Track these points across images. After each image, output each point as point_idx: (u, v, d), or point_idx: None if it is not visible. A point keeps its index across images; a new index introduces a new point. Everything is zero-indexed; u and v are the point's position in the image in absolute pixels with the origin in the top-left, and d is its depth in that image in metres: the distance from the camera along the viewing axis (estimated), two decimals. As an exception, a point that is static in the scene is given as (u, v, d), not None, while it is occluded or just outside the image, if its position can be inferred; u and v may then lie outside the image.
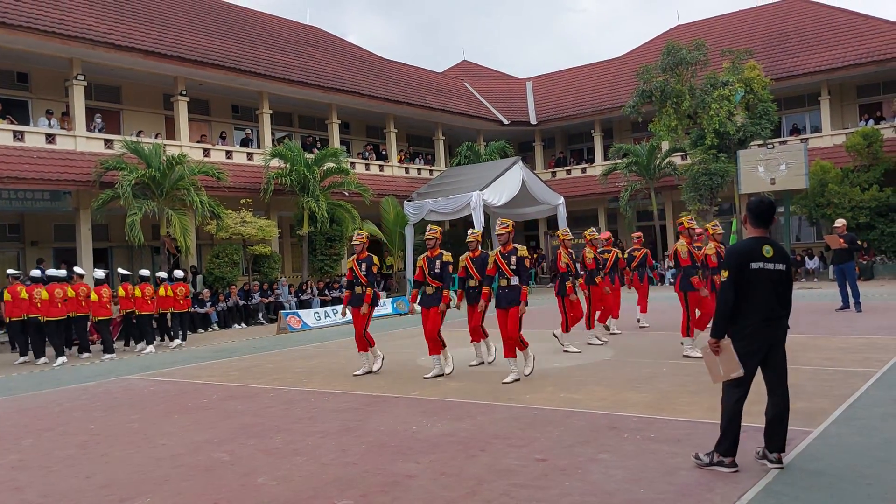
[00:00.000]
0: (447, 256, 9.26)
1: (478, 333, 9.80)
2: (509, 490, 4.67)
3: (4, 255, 19.73)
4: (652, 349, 10.65)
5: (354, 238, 9.81)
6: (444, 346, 9.19)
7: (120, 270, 15.92)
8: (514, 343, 8.44)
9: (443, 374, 9.16)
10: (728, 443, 4.73)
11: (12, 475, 5.68)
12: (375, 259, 9.82)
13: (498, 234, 8.68)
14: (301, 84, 24.60)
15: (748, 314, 4.70)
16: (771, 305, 4.72)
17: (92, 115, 20.54)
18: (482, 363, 9.96)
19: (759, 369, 4.78)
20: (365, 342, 9.69)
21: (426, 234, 9.52)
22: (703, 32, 29.58)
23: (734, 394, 4.74)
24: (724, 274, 4.80)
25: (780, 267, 4.77)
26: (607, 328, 12.26)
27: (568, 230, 11.19)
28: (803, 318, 12.66)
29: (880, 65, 25.22)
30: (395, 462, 5.45)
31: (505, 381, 8.37)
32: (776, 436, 4.74)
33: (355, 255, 9.67)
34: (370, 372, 9.69)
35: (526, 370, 8.63)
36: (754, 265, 4.71)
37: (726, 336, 4.71)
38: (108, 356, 13.61)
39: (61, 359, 13.15)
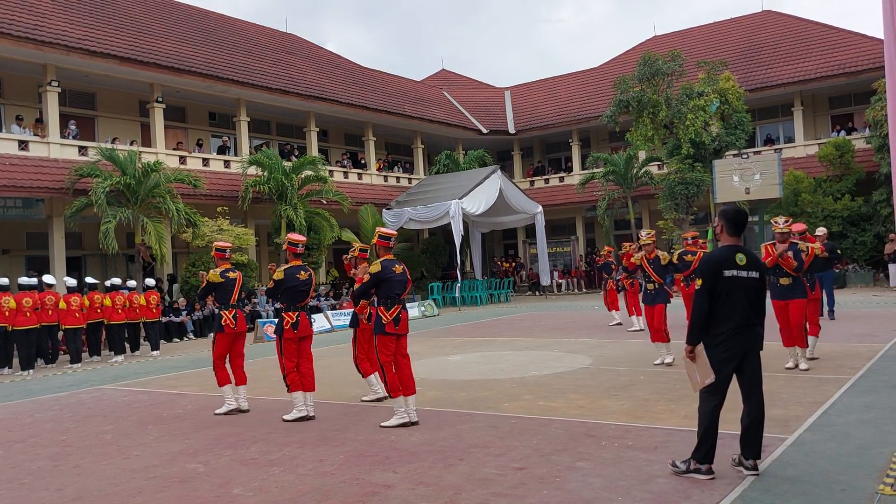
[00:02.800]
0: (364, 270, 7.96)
1: (660, 336, 9.75)
2: (488, 499, 4.66)
3: (-25, 263, 19.38)
4: (629, 357, 10.71)
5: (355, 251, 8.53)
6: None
7: (88, 279, 15.60)
8: (661, 333, 9.75)
9: (380, 399, 8.10)
10: (705, 450, 4.76)
11: (-20, 488, 5.56)
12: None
13: (645, 244, 9.94)
14: (279, 92, 24.50)
15: (722, 322, 4.74)
16: (745, 313, 4.77)
17: (66, 122, 20.28)
18: (663, 363, 9.66)
19: (734, 377, 4.82)
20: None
21: (349, 253, 8.62)
22: (678, 43, 29.98)
23: (710, 401, 4.77)
24: (699, 282, 4.85)
25: (754, 274, 4.83)
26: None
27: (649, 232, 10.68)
28: (777, 326, 12.79)
29: (851, 77, 25.71)
30: (373, 472, 5.41)
31: (655, 362, 9.72)
32: (752, 443, 4.78)
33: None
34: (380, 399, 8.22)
35: (667, 358, 9.63)
36: (728, 273, 4.76)
37: (700, 343, 4.75)
38: (74, 366, 13.38)
39: (29, 371, 12.87)
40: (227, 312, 8.10)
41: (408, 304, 20.34)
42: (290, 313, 7.55)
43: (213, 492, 5.15)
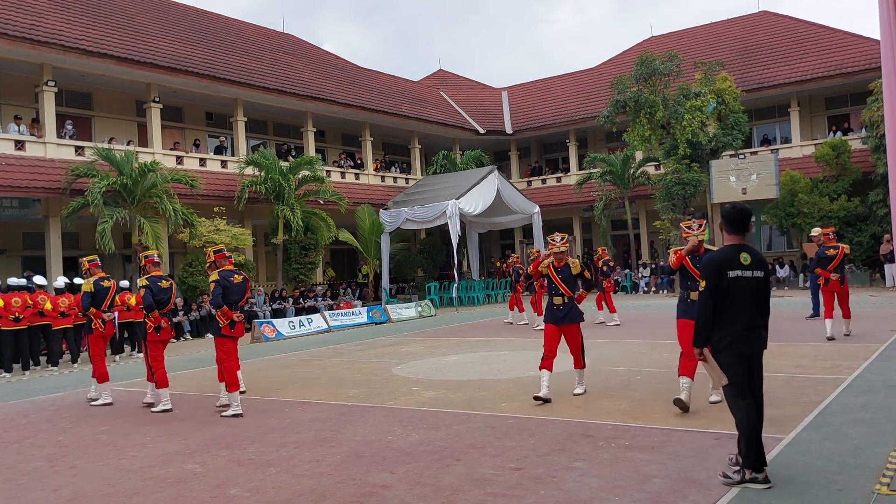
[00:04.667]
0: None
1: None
2: (485, 499, 4.66)
3: (-29, 263, 19.33)
4: (626, 358, 10.72)
5: None
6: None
7: (77, 280, 15.41)
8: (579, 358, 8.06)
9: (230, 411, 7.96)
10: (754, 456, 4.56)
11: (-24, 489, 5.54)
12: None
13: (557, 252, 8.05)
14: (276, 92, 24.48)
15: (728, 324, 4.65)
16: (750, 313, 4.67)
17: (63, 122, 20.23)
18: None
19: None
20: None
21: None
22: (675, 44, 30.01)
23: (740, 405, 4.62)
24: (702, 283, 4.75)
25: (759, 274, 4.73)
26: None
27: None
28: (774, 326, 12.67)
29: (848, 77, 25.75)
30: (371, 472, 5.41)
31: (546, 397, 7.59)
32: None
33: None
34: None
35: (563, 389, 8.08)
36: (732, 273, 4.66)
37: (707, 346, 4.67)
38: (52, 368, 13.35)
39: (5, 373, 12.78)
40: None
41: (405, 305, 20.40)
42: (151, 319, 8.57)
43: (209, 492, 5.14)
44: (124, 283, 15.68)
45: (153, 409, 8.42)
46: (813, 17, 62.88)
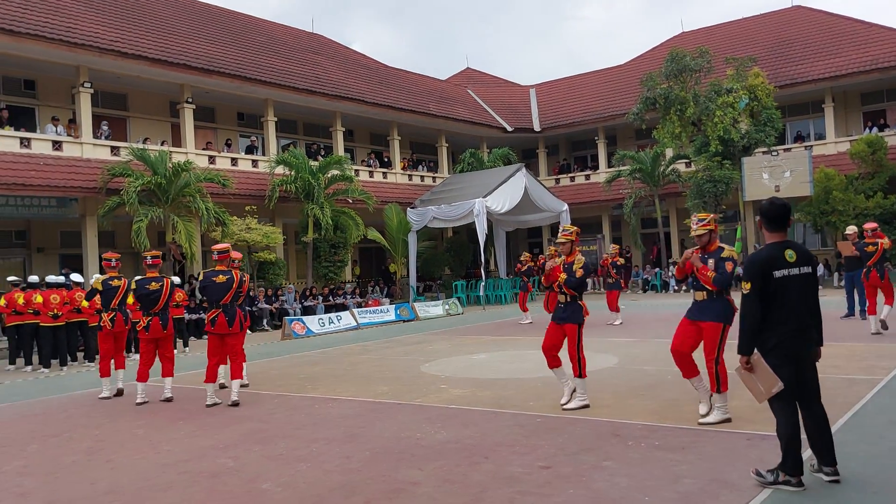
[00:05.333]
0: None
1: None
2: (514, 497, 4.67)
3: (11, 261, 19.81)
4: (657, 358, 10.63)
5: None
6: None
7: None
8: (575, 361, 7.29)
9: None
10: (792, 460, 4.46)
11: (18, 481, 5.70)
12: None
13: (560, 243, 7.65)
14: (306, 92, 24.69)
15: (776, 326, 4.44)
16: (800, 314, 4.46)
17: (98, 123, 20.65)
18: None
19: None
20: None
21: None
22: (706, 40, 29.64)
23: (784, 409, 4.47)
24: (746, 286, 4.48)
25: (806, 270, 4.50)
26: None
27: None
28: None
29: (884, 72, 25.21)
30: (399, 469, 5.45)
31: (562, 402, 7.35)
32: (823, 449, 4.53)
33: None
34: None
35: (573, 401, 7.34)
36: (778, 273, 4.44)
37: (755, 351, 4.49)
38: (89, 364, 13.60)
39: (44, 369, 13.07)
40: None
41: (432, 303, 20.50)
42: (144, 318, 8.99)
43: (242, 486, 5.23)
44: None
45: (137, 402, 8.87)
46: (848, 11, 61.67)
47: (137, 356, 14.05)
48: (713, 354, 6.27)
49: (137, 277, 9.22)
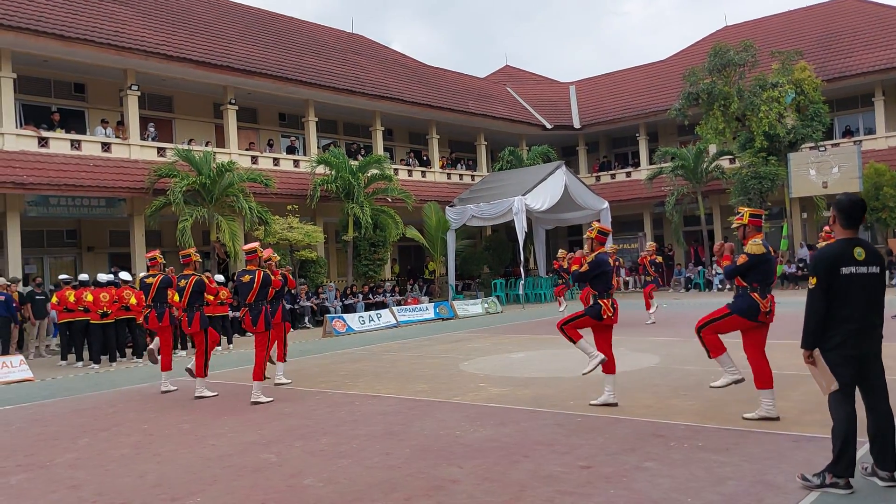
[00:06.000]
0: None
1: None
2: (553, 497, 4.66)
3: (63, 259, 20.43)
4: (699, 357, 10.45)
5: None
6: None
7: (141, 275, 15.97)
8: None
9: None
10: (845, 463, 4.35)
11: (70, 473, 5.88)
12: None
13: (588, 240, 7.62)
14: (346, 92, 24.91)
15: (840, 324, 4.35)
16: (863, 313, 4.36)
17: (145, 124, 21.15)
18: None
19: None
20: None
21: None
22: (751, 33, 29.01)
23: (841, 410, 4.36)
24: (812, 280, 4.43)
25: (874, 270, 4.40)
26: None
27: None
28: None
29: (938, 64, 24.36)
30: (439, 466, 5.48)
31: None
32: (885, 454, 4.40)
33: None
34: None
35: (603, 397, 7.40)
36: (846, 270, 4.35)
37: (816, 348, 4.41)
38: (137, 361, 13.93)
39: (94, 365, 13.43)
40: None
41: (471, 301, 20.60)
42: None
43: (285, 481, 5.32)
44: (220, 278, 16.25)
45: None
46: (901, 0, 59.68)
47: (184, 353, 14.54)
48: (705, 319, 6.52)
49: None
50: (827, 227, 13.43)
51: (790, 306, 16.26)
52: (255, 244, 9.25)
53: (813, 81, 23.41)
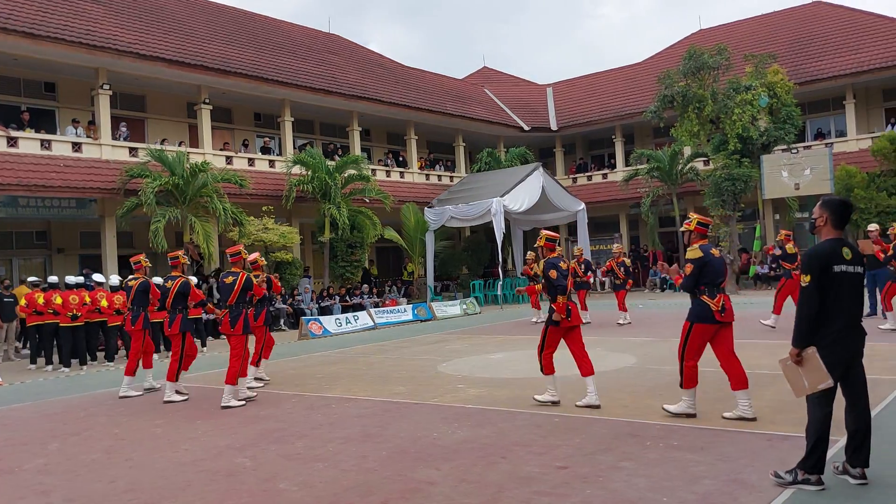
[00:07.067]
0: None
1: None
2: (530, 498, 4.65)
3: (32, 261, 20.06)
4: (674, 357, 10.53)
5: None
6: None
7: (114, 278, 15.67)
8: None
9: None
10: (815, 459, 4.47)
11: (39, 479, 5.76)
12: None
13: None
14: (322, 92, 24.77)
15: (830, 321, 4.45)
16: (852, 311, 4.50)
17: (117, 124, 20.83)
18: None
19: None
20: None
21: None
22: (725, 37, 29.34)
23: (821, 410, 4.45)
24: (806, 278, 4.51)
25: (859, 269, 4.56)
26: None
27: None
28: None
29: (907, 68, 24.82)
30: (416, 469, 5.45)
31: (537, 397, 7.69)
32: (861, 450, 4.51)
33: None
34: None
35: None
36: (837, 268, 4.48)
37: (812, 346, 4.46)
38: (108, 364, 13.72)
39: (64, 368, 13.19)
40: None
41: (449, 302, 20.61)
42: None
43: (259, 486, 5.25)
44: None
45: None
46: (869, 5, 60.87)
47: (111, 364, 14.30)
48: (680, 352, 6.63)
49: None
50: (784, 231, 13.90)
51: (763, 307, 16.47)
52: (240, 246, 9.30)
53: (785, 84, 23.74)
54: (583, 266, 16.59)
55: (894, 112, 27.15)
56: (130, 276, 10.35)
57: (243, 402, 8.52)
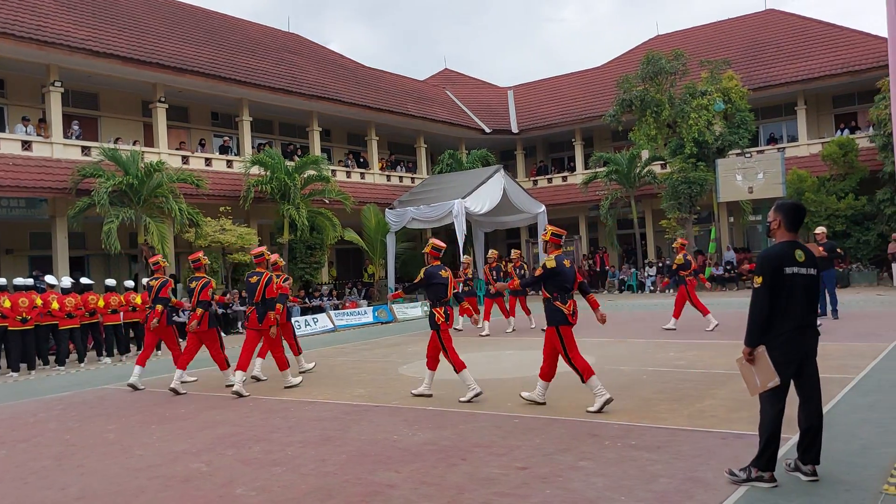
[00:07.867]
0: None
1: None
2: (490, 499, 4.65)
3: (-22, 263, 19.40)
4: (633, 357, 10.69)
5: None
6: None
7: (83, 280, 15.30)
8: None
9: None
10: (767, 457, 4.55)
11: (-16, 488, 5.57)
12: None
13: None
14: (282, 91, 24.50)
15: (781, 322, 4.54)
16: (804, 312, 4.56)
17: (69, 122, 20.30)
18: None
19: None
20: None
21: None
22: (681, 43, 29.92)
23: (773, 408, 4.55)
24: (758, 280, 4.59)
25: (812, 272, 4.62)
26: None
27: None
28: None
29: (855, 75, 25.62)
30: (376, 471, 5.41)
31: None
32: (812, 448, 4.60)
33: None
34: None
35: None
36: (789, 270, 4.55)
37: (761, 345, 4.56)
38: (59, 368, 13.37)
39: (13, 373, 12.78)
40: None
41: (410, 304, 20.56)
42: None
43: (215, 491, 5.15)
44: (129, 283, 15.71)
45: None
46: (820, 14, 62.77)
47: (108, 360, 14.02)
48: (565, 356, 7.14)
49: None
50: (681, 239, 14.53)
51: (718, 307, 16.80)
52: (263, 248, 10.22)
53: (740, 90, 24.31)
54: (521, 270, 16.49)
55: (843, 118, 28.02)
56: (152, 276, 11.07)
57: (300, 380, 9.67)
